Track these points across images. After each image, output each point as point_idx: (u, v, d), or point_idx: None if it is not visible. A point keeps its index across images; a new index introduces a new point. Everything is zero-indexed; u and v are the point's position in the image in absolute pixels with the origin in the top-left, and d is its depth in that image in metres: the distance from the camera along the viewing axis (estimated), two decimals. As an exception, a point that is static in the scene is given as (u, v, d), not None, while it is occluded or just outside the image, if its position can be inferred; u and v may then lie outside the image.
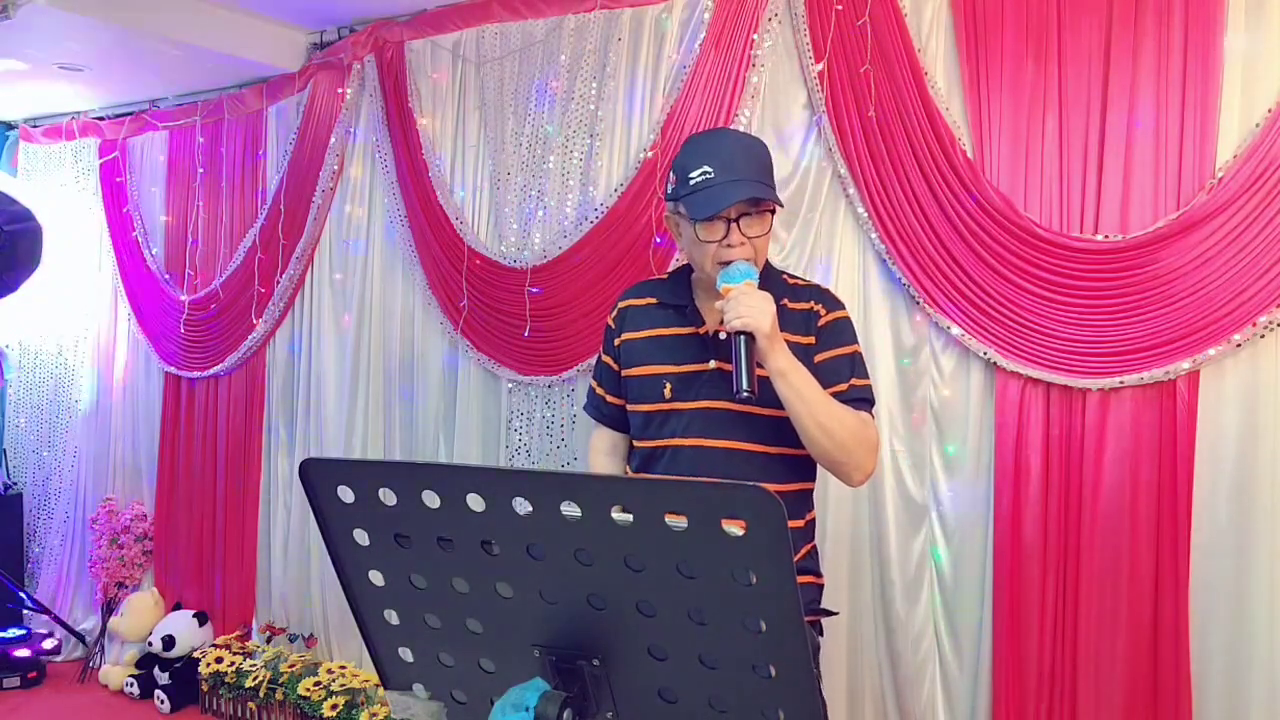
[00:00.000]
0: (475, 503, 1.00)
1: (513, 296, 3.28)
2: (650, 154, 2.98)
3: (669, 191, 1.82)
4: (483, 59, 3.39)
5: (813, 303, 1.85)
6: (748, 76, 2.82)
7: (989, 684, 2.55)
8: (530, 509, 0.98)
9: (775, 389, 1.70)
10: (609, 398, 2.01)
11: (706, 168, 1.72)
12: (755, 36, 2.81)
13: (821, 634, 1.92)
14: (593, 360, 3.09)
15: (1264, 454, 2.25)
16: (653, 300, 1.94)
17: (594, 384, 2.05)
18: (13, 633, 4.32)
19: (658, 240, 2.96)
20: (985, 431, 2.57)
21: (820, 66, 2.71)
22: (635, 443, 1.94)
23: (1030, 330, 2.44)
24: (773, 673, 0.97)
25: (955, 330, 2.55)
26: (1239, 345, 2.24)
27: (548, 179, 3.23)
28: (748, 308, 1.66)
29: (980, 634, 2.58)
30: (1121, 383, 2.36)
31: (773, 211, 1.78)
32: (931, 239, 2.56)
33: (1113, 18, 2.38)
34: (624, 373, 1.93)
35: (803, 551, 1.87)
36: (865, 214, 2.67)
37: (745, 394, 1.65)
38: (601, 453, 2.06)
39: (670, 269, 2.92)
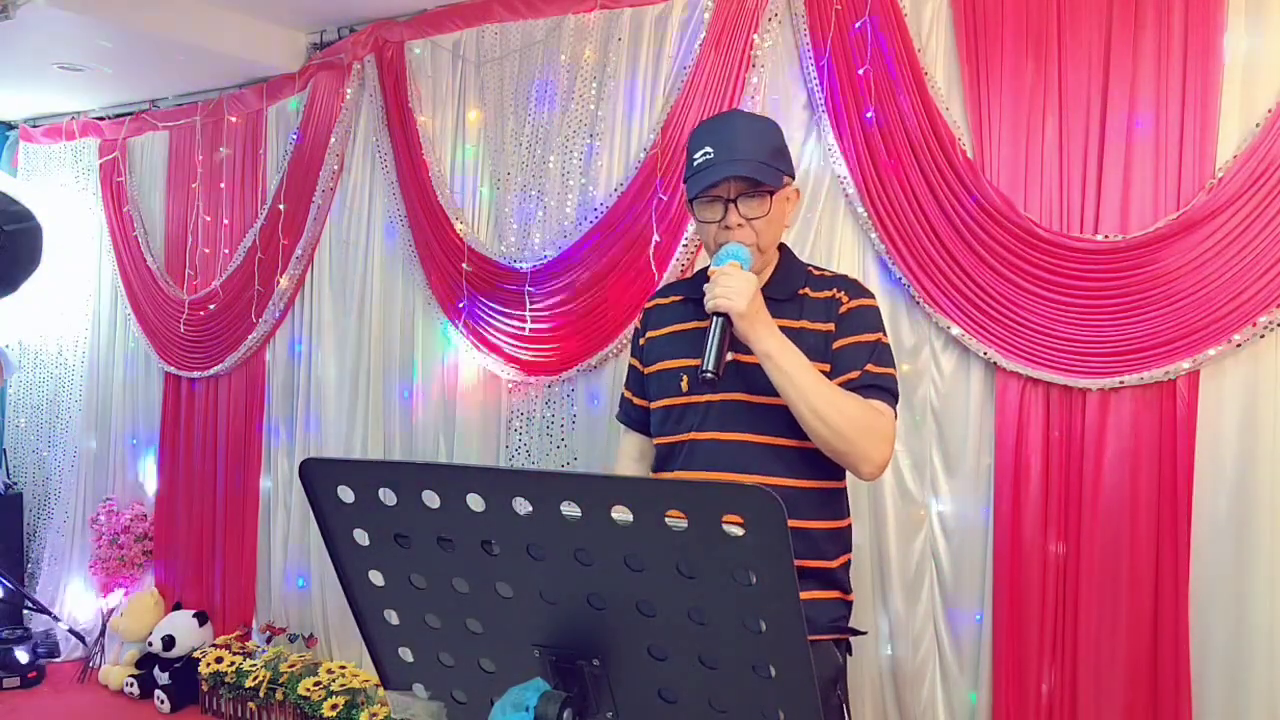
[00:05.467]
0: (475, 503, 1.00)
1: (513, 296, 3.28)
2: (650, 154, 2.98)
3: (684, 175, 1.82)
4: (483, 59, 3.39)
5: (835, 290, 1.80)
6: (748, 76, 2.82)
7: (989, 684, 2.55)
8: (530, 509, 0.98)
9: (766, 372, 1.67)
10: (636, 400, 1.98)
11: (708, 148, 1.73)
12: (755, 36, 2.81)
13: (850, 653, 1.84)
14: (592, 360, 3.12)
15: (1264, 454, 2.25)
16: (677, 298, 1.93)
17: (625, 390, 2.03)
18: (13, 633, 4.32)
19: (658, 239, 2.96)
20: (985, 431, 2.57)
21: (820, 66, 2.70)
22: (655, 440, 1.92)
23: (1030, 330, 2.44)
24: (773, 673, 0.97)
25: (955, 330, 2.55)
26: (1239, 345, 2.24)
27: (548, 179, 3.23)
28: (724, 288, 1.64)
29: (980, 634, 2.58)
30: (1121, 383, 2.36)
31: (772, 193, 1.74)
32: (931, 239, 2.56)
33: (1113, 18, 2.38)
34: (647, 370, 1.92)
35: (838, 560, 1.79)
36: (865, 214, 2.67)
37: (708, 374, 1.63)
38: (629, 458, 2.03)
39: (668, 270, 2.92)
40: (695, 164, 1.74)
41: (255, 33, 3.73)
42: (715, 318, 1.66)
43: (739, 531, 0.91)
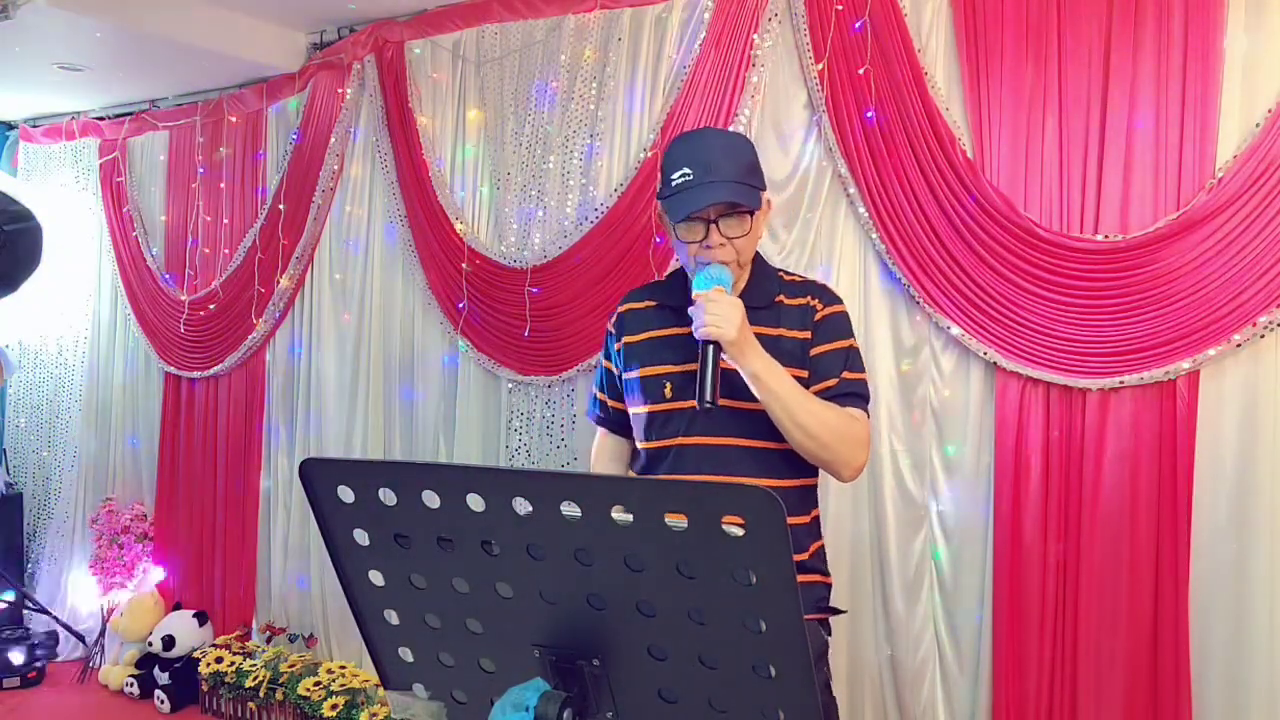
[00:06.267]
0: (475, 503, 1.00)
1: (513, 296, 3.28)
2: (650, 154, 2.98)
3: (658, 192, 1.84)
4: (483, 59, 3.39)
5: (809, 298, 1.85)
6: (748, 76, 2.82)
7: (989, 684, 2.56)
8: (530, 509, 0.98)
9: (752, 389, 1.72)
10: (610, 402, 2.01)
11: (686, 169, 1.74)
12: (755, 36, 2.81)
13: (830, 633, 1.92)
14: (593, 360, 3.11)
15: (1264, 454, 2.25)
16: (652, 303, 1.94)
17: (595, 390, 2.06)
18: (12, 633, 4.31)
19: (658, 240, 2.96)
20: (985, 431, 2.57)
21: (820, 66, 2.71)
22: (639, 445, 1.94)
23: (1030, 330, 2.44)
24: (773, 673, 0.97)
25: (955, 330, 2.55)
26: (1239, 345, 2.24)
27: (548, 179, 3.23)
28: (712, 315, 1.66)
29: (980, 634, 2.58)
30: (1121, 383, 2.36)
31: (752, 213, 1.76)
32: (931, 239, 2.56)
33: (1113, 18, 2.38)
34: (624, 375, 1.94)
35: (811, 549, 1.87)
36: (865, 214, 2.67)
37: (707, 405, 1.67)
38: (605, 459, 2.07)
39: (669, 270, 2.92)
40: (674, 184, 1.75)
41: (255, 33, 3.73)
42: (705, 345, 1.68)
43: (739, 531, 0.91)
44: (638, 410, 1.91)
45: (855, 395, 1.82)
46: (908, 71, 2.58)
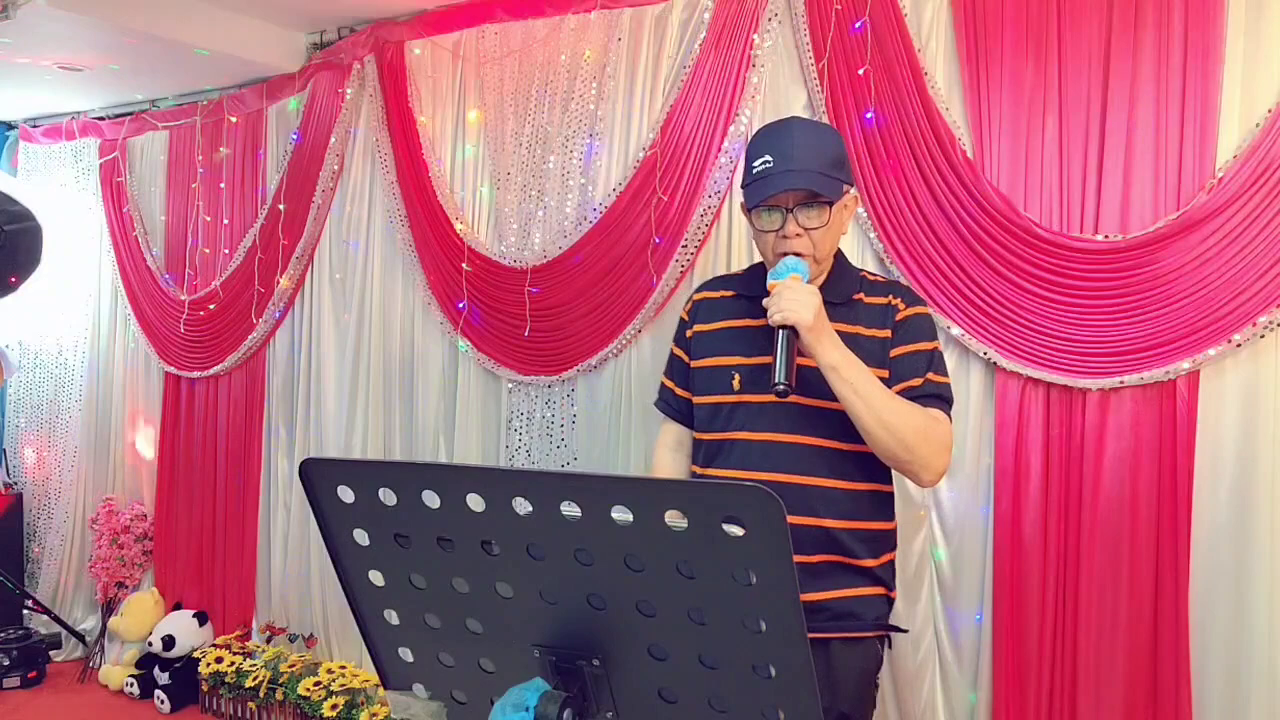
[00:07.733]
0: (475, 503, 1.00)
1: (513, 296, 3.28)
2: (650, 153, 2.98)
3: (742, 180, 1.83)
4: (483, 59, 3.39)
5: (891, 297, 1.82)
6: (748, 76, 2.82)
7: (989, 684, 2.56)
8: (530, 509, 0.98)
9: (829, 384, 1.67)
10: (678, 390, 1.98)
11: (768, 157, 1.72)
12: (755, 36, 2.81)
13: (890, 646, 1.88)
14: (593, 360, 3.12)
15: (1264, 454, 2.25)
16: (729, 292, 1.92)
17: (664, 379, 2.02)
18: (13, 632, 4.32)
19: (657, 240, 2.96)
20: (985, 431, 2.57)
21: (820, 66, 2.71)
22: (700, 435, 1.90)
23: (1030, 330, 2.44)
24: (773, 673, 0.97)
25: (955, 330, 2.55)
26: (1239, 345, 2.24)
27: (547, 179, 3.23)
28: (788, 301, 1.63)
29: (980, 634, 2.58)
30: (1121, 383, 2.36)
31: (831, 204, 1.74)
32: (931, 239, 2.56)
33: (1113, 18, 2.38)
34: (693, 364, 1.91)
35: (883, 558, 1.82)
36: (864, 213, 2.66)
37: (781, 387, 1.62)
38: (667, 447, 2.03)
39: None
40: (754, 171, 1.74)
41: (255, 33, 3.73)
42: (780, 331, 1.65)
43: (739, 531, 0.91)
44: (703, 400, 1.87)
45: (939, 398, 1.78)
46: (908, 71, 2.58)
